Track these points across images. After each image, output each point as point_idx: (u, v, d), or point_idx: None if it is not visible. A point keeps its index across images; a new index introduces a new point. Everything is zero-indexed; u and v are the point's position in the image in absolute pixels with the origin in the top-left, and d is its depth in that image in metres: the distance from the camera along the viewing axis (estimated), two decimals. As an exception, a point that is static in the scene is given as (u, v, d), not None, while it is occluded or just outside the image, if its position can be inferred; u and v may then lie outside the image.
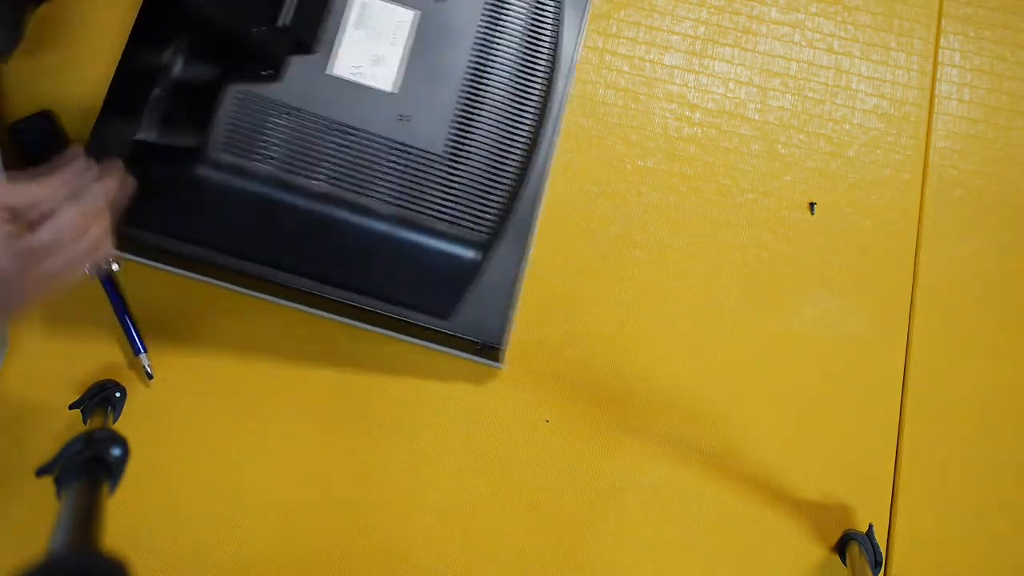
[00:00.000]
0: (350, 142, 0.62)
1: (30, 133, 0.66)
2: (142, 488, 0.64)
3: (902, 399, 0.72)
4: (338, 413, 0.67)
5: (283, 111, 0.61)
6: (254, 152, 0.60)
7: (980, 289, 0.75)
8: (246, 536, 0.64)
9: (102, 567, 0.36)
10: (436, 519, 0.66)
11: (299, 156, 0.61)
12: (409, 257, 0.63)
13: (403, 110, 0.63)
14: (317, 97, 0.62)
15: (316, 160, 0.61)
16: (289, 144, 0.61)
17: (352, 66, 0.63)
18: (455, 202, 0.63)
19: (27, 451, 0.64)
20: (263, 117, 0.61)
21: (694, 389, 0.70)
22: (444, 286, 0.64)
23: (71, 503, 0.43)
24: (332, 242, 0.62)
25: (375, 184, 0.61)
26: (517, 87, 0.67)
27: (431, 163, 0.63)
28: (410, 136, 0.63)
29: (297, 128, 0.61)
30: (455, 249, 0.63)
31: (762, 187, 0.75)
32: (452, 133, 0.63)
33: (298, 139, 0.61)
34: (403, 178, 0.62)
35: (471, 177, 0.64)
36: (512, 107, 0.66)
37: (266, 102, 0.61)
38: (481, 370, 0.69)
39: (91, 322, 0.66)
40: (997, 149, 0.78)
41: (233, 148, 0.60)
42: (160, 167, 0.60)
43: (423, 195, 0.62)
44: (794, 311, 0.73)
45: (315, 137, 0.61)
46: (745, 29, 0.79)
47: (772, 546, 0.68)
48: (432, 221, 0.62)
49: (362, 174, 0.61)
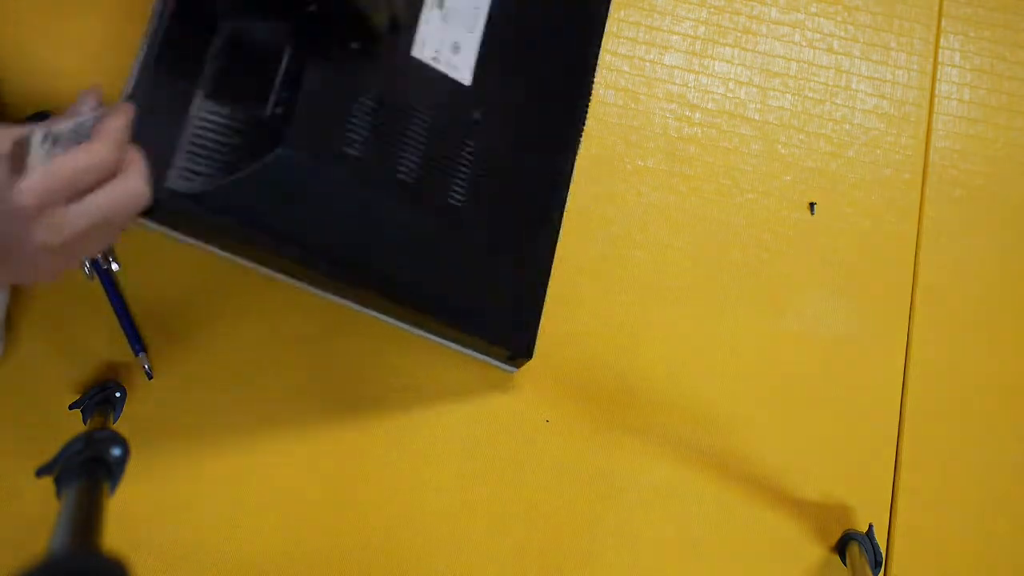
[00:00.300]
0: (424, 135, 0.56)
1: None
2: (142, 488, 0.64)
3: (902, 399, 0.72)
4: (338, 413, 0.67)
5: (367, 93, 0.53)
6: (337, 136, 0.53)
7: (980, 289, 0.75)
8: (246, 536, 0.64)
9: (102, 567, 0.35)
10: (436, 519, 0.66)
11: (379, 145, 0.54)
12: (460, 260, 0.60)
13: (477, 108, 0.58)
14: (399, 81, 0.55)
15: (393, 151, 0.55)
16: (370, 131, 0.54)
17: (434, 50, 0.57)
18: (506, 205, 0.60)
19: (27, 451, 0.64)
20: (348, 97, 0.53)
21: (694, 389, 0.70)
22: (489, 292, 0.61)
23: (71, 503, 0.43)
24: (395, 235, 0.57)
25: (446, 182, 0.57)
26: (559, 89, 0.65)
27: (496, 167, 0.59)
28: (479, 136, 0.58)
29: (380, 114, 0.54)
30: (504, 256, 0.61)
31: (762, 187, 0.75)
32: (516, 137, 0.60)
33: (379, 126, 0.54)
34: (468, 178, 0.58)
35: (521, 180, 0.61)
36: (555, 112, 0.64)
37: (351, 80, 0.53)
38: (481, 371, 0.69)
39: (91, 322, 0.66)
40: (997, 149, 0.78)
41: (317, 130, 0.52)
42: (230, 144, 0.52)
43: (481, 197, 0.58)
44: (794, 311, 0.73)
45: (395, 126, 0.55)
46: (745, 29, 0.79)
47: (772, 546, 0.68)
48: (485, 225, 0.59)
49: (430, 170, 0.56)
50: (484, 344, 0.63)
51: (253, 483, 0.65)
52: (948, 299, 0.75)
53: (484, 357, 0.67)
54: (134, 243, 0.68)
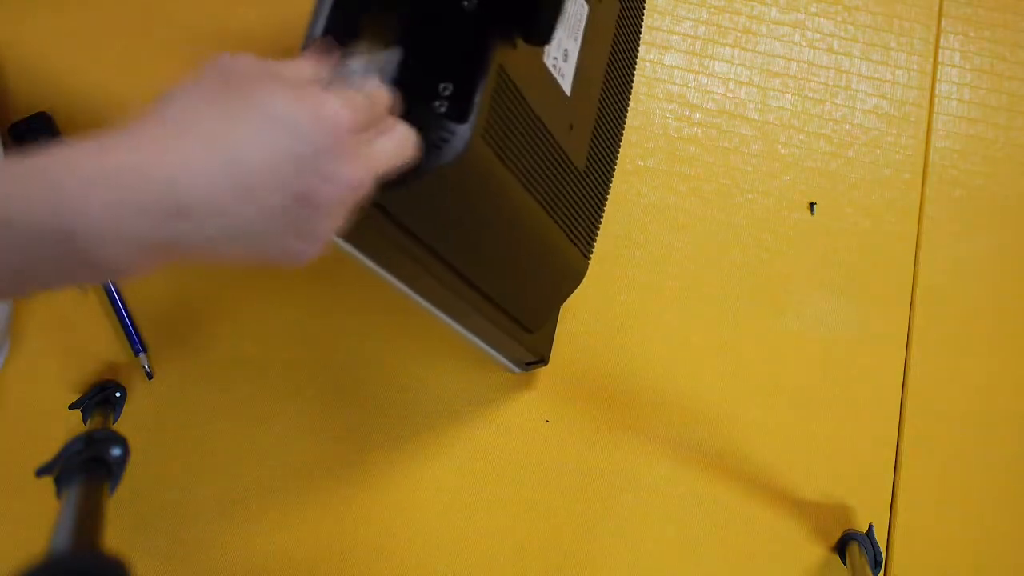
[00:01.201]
0: (542, 144, 0.53)
1: (30, 133, 0.66)
2: (142, 488, 0.64)
3: (902, 399, 0.72)
4: (338, 413, 0.67)
5: (520, 98, 0.50)
6: (506, 138, 0.49)
7: (980, 289, 0.75)
8: (246, 536, 0.64)
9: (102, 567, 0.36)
10: (436, 519, 0.66)
11: (525, 152, 0.51)
12: (530, 268, 0.59)
13: (572, 117, 0.56)
14: (532, 87, 0.52)
15: (529, 159, 0.52)
16: (518, 139, 0.51)
17: (553, 58, 0.54)
18: (580, 220, 0.59)
19: (27, 451, 0.64)
20: (513, 99, 0.49)
21: (694, 389, 0.70)
22: (546, 301, 0.61)
23: (71, 503, 0.43)
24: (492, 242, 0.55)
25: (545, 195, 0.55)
26: (621, 101, 0.64)
27: (575, 178, 0.58)
28: (571, 148, 0.56)
29: (521, 121, 0.51)
30: (566, 271, 0.61)
31: (762, 187, 0.75)
32: (589, 152, 0.59)
33: (520, 134, 0.51)
34: (559, 191, 0.56)
35: (593, 196, 0.60)
36: (618, 123, 0.63)
37: (514, 83, 0.49)
38: (481, 372, 0.69)
39: (91, 322, 0.66)
40: (997, 149, 0.78)
41: (491, 136, 0.48)
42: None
43: (566, 209, 0.57)
44: (794, 311, 0.73)
45: (528, 134, 0.52)
46: (745, 29, 0.79)
47: (772, 546, 0.68)
48: (563, 240, 0.58)
49: (541, 183, 0.54)
50: (519, 347, 0.62)
51: (253, 483, 0.65)
52: (948, 299, 0.75)
53: (501, 358, 0.66)
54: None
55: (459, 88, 0.47)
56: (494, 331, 0.61)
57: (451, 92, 0.47)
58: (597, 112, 0.61)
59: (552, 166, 0.55)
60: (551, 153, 0.55)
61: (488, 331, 0.62)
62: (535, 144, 0.53)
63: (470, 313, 0.59)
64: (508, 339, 0.62)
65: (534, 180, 0.53)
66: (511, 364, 0.67)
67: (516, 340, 0.61)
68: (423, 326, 0.69)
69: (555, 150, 0.55)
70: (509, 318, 0.60)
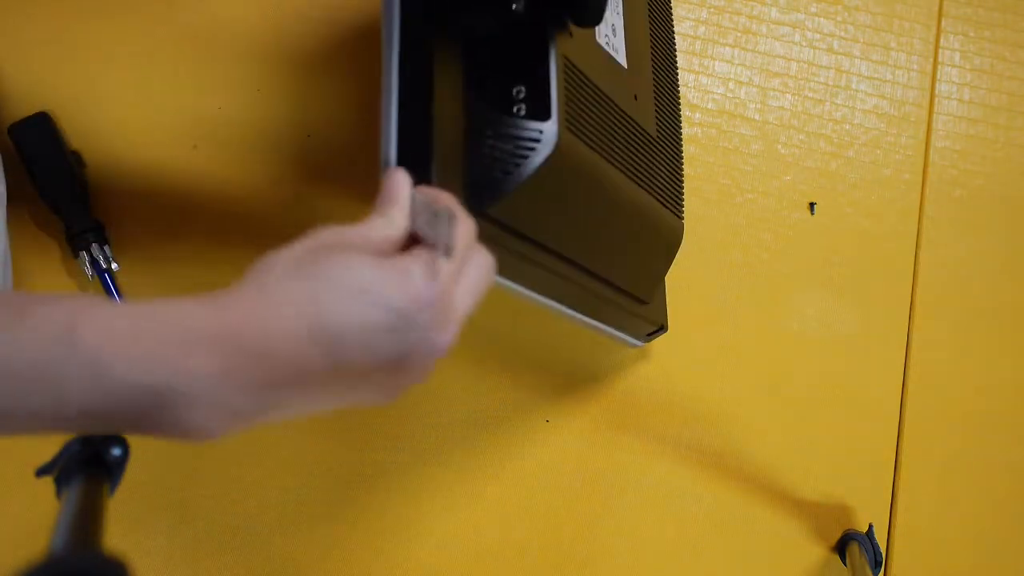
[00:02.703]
0: (617, 120, 0.54)
1: (29, 134, 0.66)
2: (142, 488, 0.64)
3: (902, 399, 0.72)
4: (338, 414, 0.67)
5: (587, 82, 0.50)
6: (586, 131, 0.49)
7: (980, 289, 0.75)
8: (246, 536, 0.64)
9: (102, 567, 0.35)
10: (436, 519, 0.66)
11: (598, 133, 0.51)
12: (627, 239, 0.59)
13: (634, 88, 0.57)
14: (594, 67, 0.52)
15: (604, 138, 0.52)
16: (596, 121, 0.51)
17: (605, 35, 0.55)
18: (666, 185, 0.60)
19: (27, 451, 0.64)
20: (581, 88, 0.49)
21: (694, 389, 0.70)
22: (654, 268, 0.61)
23: (71, 503, 0.43)
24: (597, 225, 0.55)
25: (631, 168, 0.55)
26: (670, 61, 0.65)
27: (651, 145, 0.59)
28: (641, 117, 0.57)
29: (595, 104, 0.51)
30: (667, 234, 0.61)
31: (762, 187, 0.75)
32: (656, 116, 0.60)
33: (596, 116, 0.51)
34: (640, 162, 0.57)
35: (669, 163, 0.61)
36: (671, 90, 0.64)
37: (579, 68, 0.49)
38: (481, 370, 0.69)
39: (91, 322, 0.66)
40: (997, 149, 0.78)
41: (574, 126, 0.48)
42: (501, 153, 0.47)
43: (651, 176, 0.58)
44: (794, 311, 0.73)
45: (603, 114, 0.52)
46: (745, 29, 0.79)
47: (772, 546, 0.68)
48: (656, 205, 0.58)
49: (625, 157, 0.54)
50: (639, 321, 0.63)
51: (252, 483, 0.65)
52: (948, 299, 0.75)
53: (623, 336, 0.66)
54: (133, 243, 0.68)
55: (532, 88, 0.47)
56: (615, 311, 0.61)
57: (525, 94, 0.47)
58: (652, 77, 0.61)
59: (629, 138, 0.56)
60: (625, 126, 0.55)
61: (609, 313, 0.62)
62: (610, 121, 0.53)
63: (590, 300, 0.59)
64: (628, 315, 0.62)
65: (617, 155, 0.54)
66: (632, 339, 0.67)
67: (635, 315, 0.62)
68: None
69: (628, 122, 0.56)
70: (625, 295, 0.60)
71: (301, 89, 0.72)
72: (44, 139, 0.66)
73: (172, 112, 0.70)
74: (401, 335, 0.30)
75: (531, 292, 0.55)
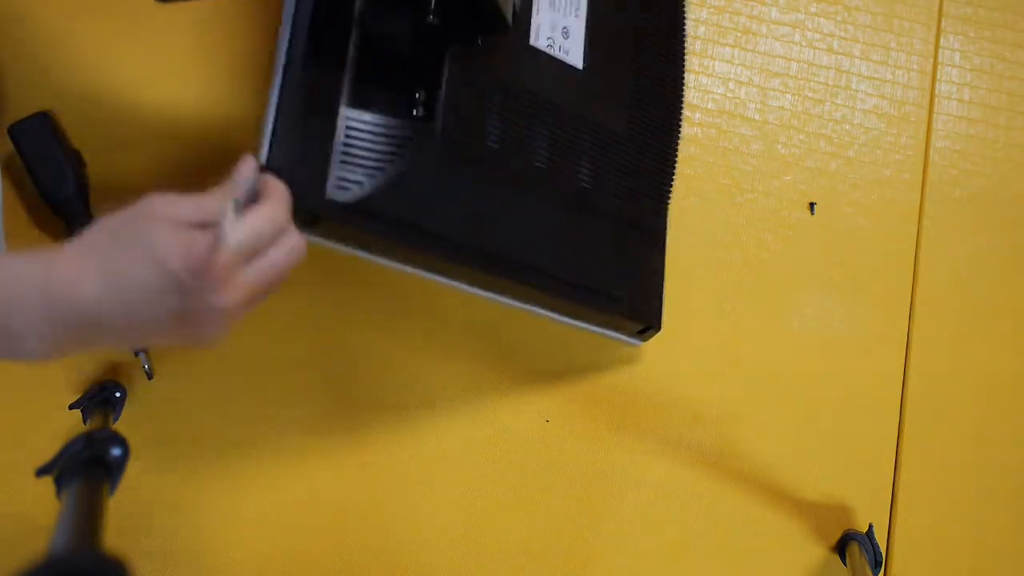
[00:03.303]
0: (552, 121, 0.57)
1: (29, 134, 0.66)
2: (142, 488, 0.64)
3: (902, 399, 0.72)
4: (338, 413, 0.67)
5: (499, 86, 0.54)
6: (478, 130, 0.53)
7: (980, 289, 0.75)
8: (246, 536, 0.64)
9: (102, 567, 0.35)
10: (436, 519, 0.66)
11: (513, 135, 0.55)
12: (595, 239, 0.60)
13: (591, 88, 0.59)
14: (523, 71, 0.56)
15: (525, 141, 0.55)
16: (504, 122, 0.54)
17: (547, 38, 0.58)
18: (633, 185, 0.61)
19: (27, 451, 0.64)
20: (484, 92, 0.53)
21: (694, 389, 0.70)
22: (624, 268, 0.62)
23: (71, 503, 0.43)
24: (525, 222, 0.57)
25: (574, 166, 0.57)
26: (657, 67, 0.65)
27: (617, 144, 0.60)
28: (599, 116, 0.59)
29: (510, 105, 0.54)
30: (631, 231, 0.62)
31: (762, 187, 0.75)
32: (629, 114, 0.61)
33: (510, 117, 0.54)
34: (593, 160, 0.59)
35: (646, 160, 0.62)
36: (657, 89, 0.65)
37: (484, 75, 0.54)
38: (482, 371, 0.69)
39: (91, 322, 0.66)
40: (997, 149, 0.78)
41: (461, 126, 0.52)
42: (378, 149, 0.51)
43: (610, 177, 0.60)
44: (794, 311, 0.73)
45: (524, 116, 0.55)
46: (745, 29, 0.79)
47: (772, 546, 0.68)
48: (616, 204, 0.60)
49: (561, 155, 0.57)
50: (619, 319, 0.64)
51: (252, 483, 0.65)
52: (948, 299, 0.75)
53: (615, 334, 0.67)
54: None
55: (427, 92, 0.52)
56: (579, 308, 0.62)
57: (423, 97, 0.52)
58: (633, 76, 0.62)
59: (575, 136, 0.57)
60: (572, 125, 0.57)
61: (575, 309, 0.63)
62: (544, 120, 0.55)
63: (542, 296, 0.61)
64: (597, 312, 0.63)
65: (552, 153, 0.56)
66: (624, 337, 0.68)
67: (606, 312, 0.63)
68: (424, 326, 0.69)
69: (577, 121, 0.57)
70: (585, 291, 0.61)
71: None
72: (44, 139, 0.66)
73: (172, 112, 0.70)
74: (179, 297, 0.36)
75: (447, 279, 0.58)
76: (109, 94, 0.70)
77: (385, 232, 0.52)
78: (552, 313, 0.64)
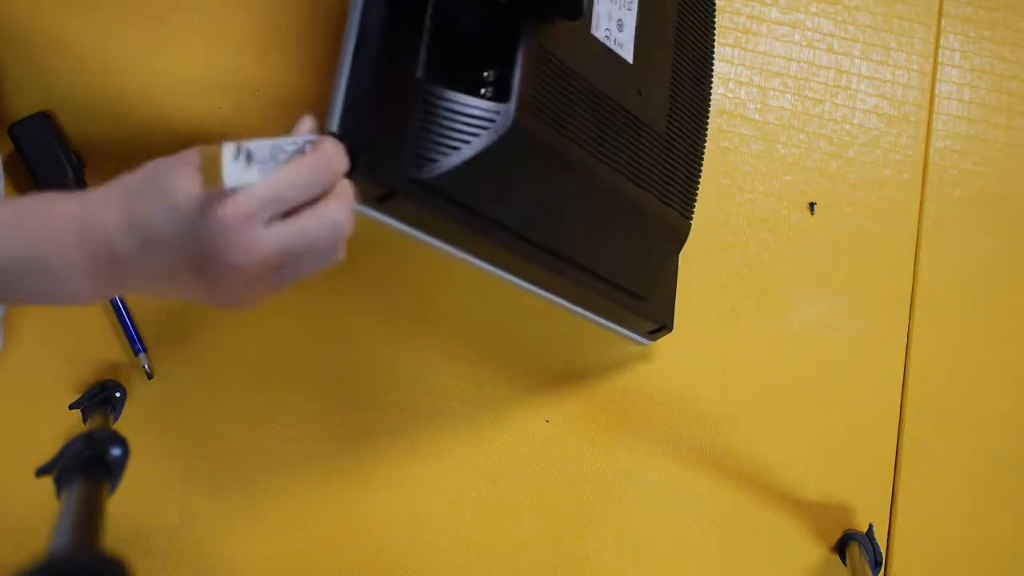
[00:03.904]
0: (607, 114, 0.55)
1: (29, 134, 0.66)
2: (142, 488, 0.64)
3: (902, 399, 0.72)
4: (338, 413, 0.67)
5: (564, 73, 0.52)
6: (547, 117, 0.51)
7: (980, 289, 0.75)
8: (246, 536, 0.64)
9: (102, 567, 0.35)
10: (436, 519, 0.66)
11: (573, 126, 0.53)
12: (627, 235, 0.60)
13: (637, 84, 0.58)
14: (584, 60, 0.54)
15: (583, 132, 0.54)
16: (569, 111, 0.53)
17: (605, 28, 0.56)
18: (668, 184, 0.60)
19: (27, 451, 0.64)
20: (553, 78, 0.52)
21: (694, 389, 0.70)
22: (649, 267, 0.62)
23: (71, 503, 0.43)
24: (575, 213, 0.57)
25: (618, 161, 0.56)
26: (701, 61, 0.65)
27: (656, 141, 0.59)
28: (644, 113, 0.58)
29: (574, 94, 0.53)
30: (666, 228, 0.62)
31: (762, 187, 0.75)
32: (668, 114, 0.61)
33: (574, 106, 0.53)
34: (638, 157, 0.58)
35: (679, 162, 0.62)
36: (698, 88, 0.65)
37: (556, 58, 0.52)
38: (482, 371, 0.69)
39: (91, 322, 0.66)
40: (997, 149, 0.78)
41: (531, 111, 0.50)
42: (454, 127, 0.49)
43: (648, 175, 0.59)
44: (794, 311, 0.73)
45: (585, 106, 0.54)
46: (745, 29, 0.79)
47: (772, 546, 0.68)
48: (652, 202, 0.59)
49: (610, 149, 0.56)
50: (639, 318, 0.64)
51: (252, 483, 0.65)
52: (948, 299, 0.75)
53: (626, 332, 0.67)
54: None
55: (499, 72, 0.50)
56: (605, 303, 0.62)
57: (493, 77, 0.50)
58: (672, 75, 0.62)
59: (623, 131, 0.57)
60: (619, 119, 0.56)
61: (600, 304, 0.63)
62: (596, 112, 0.55)
63: (565, 285, 0.60)
64: (619, 308, 0.63)
65: (603, 146, 0.55)
66: (636, 336, 0.68)
67: (630, 309, 0.63)
68: (424, 326, 0.69)
69: (624, 116, 0.57)
70: (615, 287, 0.61)
71: (301, 89, 0.72)
72: (44, 139, 0.66)
73: (172, 112, 0.70)
74: (193, 244, 0.36)
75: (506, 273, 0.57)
76: (109, 94, 0.70)
77: (458, 214, 0.51)
78: (579, 308, 0.64)
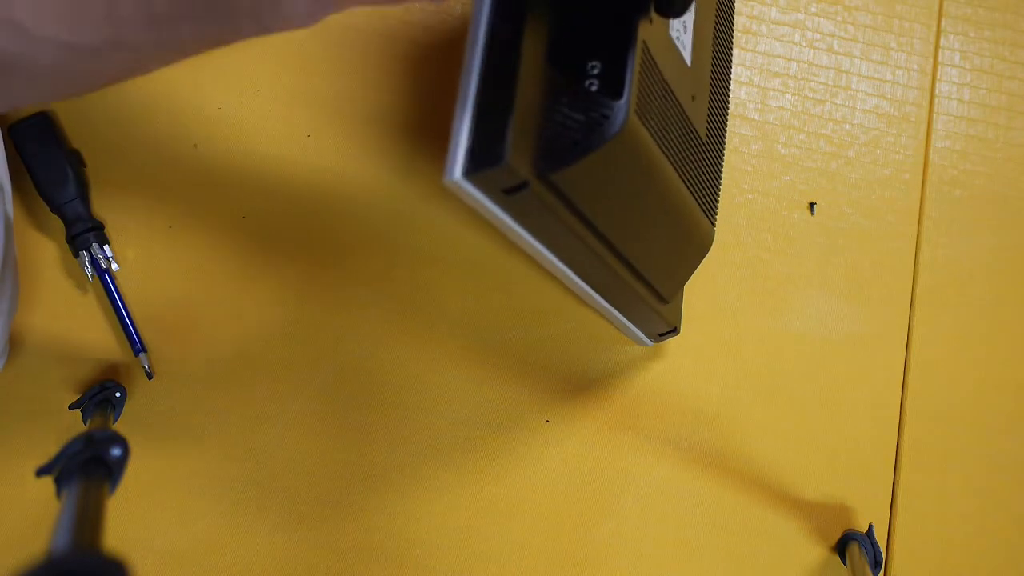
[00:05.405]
0: (676, 117, 0.54)
1: (29, 134, 0.66)
2: (142, 488, 0.64)
3: (902, 399, 0.72)
4: (338, 413, 0.67)
5: (658, 71, 0.51)
6: (652, 118, 0.50)
7: (980, 289, 0.75)
8: (246, 536, 0.64)
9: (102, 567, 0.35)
10: (436, 519, 0.66)
11: (659, 126, 0.52)
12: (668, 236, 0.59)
13: (692, 88, 0.57)
14: (664, 60, 0.52)
15: (663, 133, 0.53)
16: (662, 112, 0.51)
17: (676, 29, 0.55)
18: (704, 189, 0.60)
19: (27, 451, 0.64)
20: (652, 75, 0.50)
21: (694, 389, 0.70)
22: (682, 269, 0.62)
23: (71, 503, 0.43)
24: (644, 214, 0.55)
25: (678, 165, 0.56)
26: (727, 67, 0.65)
27: (700, 147, 0.58)
28: (695, 118, 0.57)
29: (664, 94, 0.52)
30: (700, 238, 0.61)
31: (762, 187, 0.75)
32: (707, 119, 0.60)
33: (663, 106, 0.52)
34: (689, 162, 0.57)
35: (710, 168, 0.61)
36: (725, 91, 0.64)
37: (650, 56, 0.50)
38: (482, 371, 0.69)
39: (91, 322, 0.66)
40: (997, 149, 0.78)
41: (642, 110, 0.48)
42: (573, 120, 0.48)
43: (694, 180, 0.58)
44: (794, 311, 0.73)
45: (668, 107, 0.53)
46: (745, 29, 0.79)
47: (772, 546, 0.68)
48: (696, 208, 0.59)
49: (674, 153, 0.55)
50: (657, 319, 0.63)
51: (252, 483, 0.65)
52: (948, 299, 0.75)
53: (636, 331, 0.67)
54: (133, 243, 0.68)
55: (608, 66, 0.47)
56: (635, 302, 0.62)
57: (600, 70, 0.48)
58: (710, 80, 0.62)
59: (684, 136, 0.56)
60: (682, 124, 0.56)
61: (630, 302, 0.63)
62: (670, 116, 0.54)
63: (615, 284, 0.60)
64: (647, 309, 0.63)
65: (671, 150, 0.54)
66: (644, 337, 0.68)
67: (654, 310, 0.63)
68: (424, 326, 0.69)
69: (685, 120, 0.56)
70: (649, 288, 0.61)
71: (301, 89, 0.72)
72: (44, 139, 0.66)
73: (172, 112, 0.70)
74: None
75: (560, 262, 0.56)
76: (109, 94, 0.70)
77: (575, 210, 0.49)
78: (609, 304, 0.63)
